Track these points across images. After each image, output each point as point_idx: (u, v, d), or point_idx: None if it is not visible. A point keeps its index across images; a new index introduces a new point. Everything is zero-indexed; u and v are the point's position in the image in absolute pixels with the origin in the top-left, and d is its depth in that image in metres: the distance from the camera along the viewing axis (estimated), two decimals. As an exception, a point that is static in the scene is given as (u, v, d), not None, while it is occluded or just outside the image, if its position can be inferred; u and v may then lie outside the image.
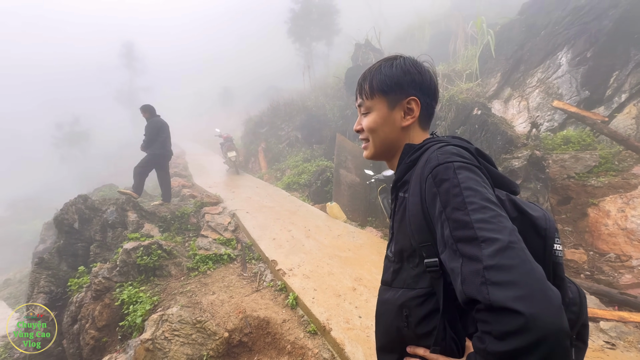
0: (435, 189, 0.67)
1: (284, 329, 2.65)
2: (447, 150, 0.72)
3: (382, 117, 0.88)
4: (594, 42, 5.18)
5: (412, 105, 0.85)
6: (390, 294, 0.83)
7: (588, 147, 4.75)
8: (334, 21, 16.84)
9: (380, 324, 0.87)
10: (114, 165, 22.97)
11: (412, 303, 0.76)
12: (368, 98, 0.90)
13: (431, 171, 0.69)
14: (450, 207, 0.63)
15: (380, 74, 0.87)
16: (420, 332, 0.75)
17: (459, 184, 0.64)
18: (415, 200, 0.74)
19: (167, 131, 5.43)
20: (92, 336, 3.19)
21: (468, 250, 0.58)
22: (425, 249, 0.73)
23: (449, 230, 0.63)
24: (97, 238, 4.52)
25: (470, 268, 0.57)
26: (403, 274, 0.80)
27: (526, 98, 6.14)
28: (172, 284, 3.46)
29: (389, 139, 0.89)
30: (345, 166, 6.02)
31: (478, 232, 0.58)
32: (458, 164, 0.67)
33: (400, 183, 0.84)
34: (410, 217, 0.75)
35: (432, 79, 0.87)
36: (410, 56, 0.88)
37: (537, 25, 6.28)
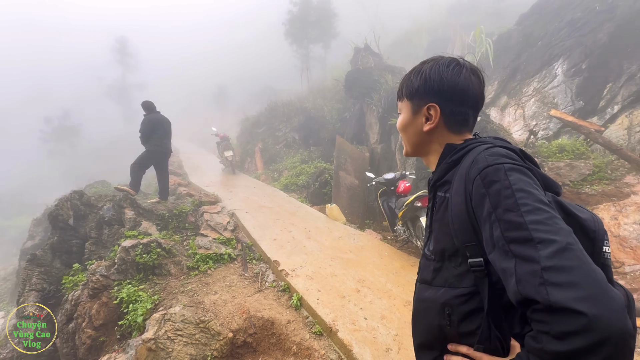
0: (484, 190, 0.68)
1: (289, 330, 2.63)
2: (496, 152, 0.72)
3: (407, 120, 0.93)
4: (589, 54, 5.34)
5: (431, 112, 0.87)
6: (430, 292, 0.84)
7: (582, 155, 4.88)
8: (331, 24, 16.93)
9: (420, 321, 0.88)
10: (104, 162, 22.54)
11: (455, 302, 0.76)
12: (400, 100, 0.96)
13: (479, 172, 0.69)
14: (502, 209, 0.64)
15: (409, 79, 0.92)
16: (463, 331, 0.75)
17: (510, 186, 0.64)
18: (459, 200, 0.75)
19: (165, 128, 5.34)
20: (89, 335, 3.11)
21: (522, 251, 0.59)
22: (469, 249, 0.73)
23: (499, 231, 0.63)
24: (92, 235, 4.42)
25: (526, 269, 0.58)
26: (444, 273, 0.81)
27: (522, 106, 6.29)
28: (172, 283, 3.41)
29: (413, 141, 0.94)
30: (344, 168, 6.05)
31: (534, 234, 0.59)
32: (509, 166, 0.68)
33: (441, 182, 0.85)
34: (453, 217, 0.76)
35: (456, 85, 0.84)
36: (448, 59, 0.87)
37: (534, 35, 6.45)
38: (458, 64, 0.86)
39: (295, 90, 15.23)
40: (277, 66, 24.58)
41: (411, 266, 3.64)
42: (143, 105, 5.38)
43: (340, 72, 11.10)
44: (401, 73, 7.69)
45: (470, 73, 0.86)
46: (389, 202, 4.72)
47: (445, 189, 0.83)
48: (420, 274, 0.91)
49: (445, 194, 0.82)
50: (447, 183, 0.82)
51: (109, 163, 21.31)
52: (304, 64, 16.60)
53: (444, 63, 0.87)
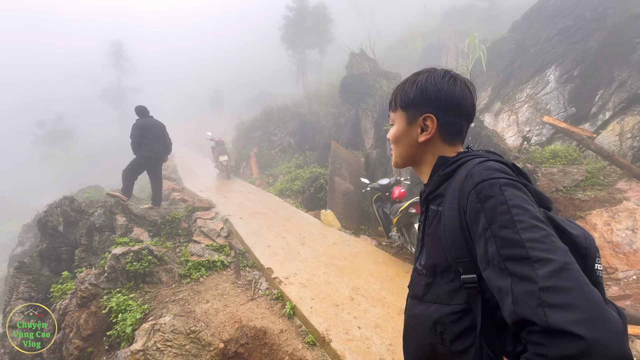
0: (479, 205, 0.66)
1: (281, 340, 2.59)
2: (490, 167, 0.71)
3: (401, 131, 0.91)
4: (580, 61, 5.41)
5: (428, 123, 0.86)
6: (421, 308, 0.82)
7: (575, 161, 4.92)
8: (327, 30, 17.04)
9: (411, 339, 0.86)
10: (98, 166, 22.31)
11: (447, 319, 0.75)
12: (393, 111, 0.94)
13: (474, 187, 0.68)
14: (497, 225, 0.62)
15: (403, 90, 0.90)
16: (455, 350, 0.74)
17: (506, 202, 0.63)
18: (453, 214, 0.73)
19: (156, 132, 5.27)
20: (77, 346, 3.03)
21: (519, 270, 0.58)
22: (462, 265, 0.72)
23: (495, 247, 0.62)
24: (82, 242, 4.33)
25: (523, 288, 0.56)
26: (436, 289, 0.79)
27: (516, 112, 6.34)
28: (163, 292, 3.34)
29: (407, 152, 0.92)
30: (339, 174, 6.04)
31: (530, 252, 0.57)
32: (504, 181, 0.66)
33: (433, 196, 0.84)
34: (446, 232, 0.74)
35: (453, 96, 0.84)
36: (442, 70, 0.87)
37: (526, 42, 6.53)
38: (452, 76, 0.86)
39: (291, 94, 15.26)
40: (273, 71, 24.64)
41: (406, 273, 3.62)
42: (135, 110, 5.34)
43: (336, 77, 11.15)
44: (396, 79, 7.73)
45: (464, 85, 0.87)
46: (384, 207, 4.71)
47: (438, 202, 0.82)
48: (412, 289, 0.89)
49: (438, 207, 0.81)
50: (440, 196, 0.81)
51: (103, 167, 21.10)
52: (300, 68, 16.64)
53: (439, 74, 0.86)
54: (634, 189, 4.22)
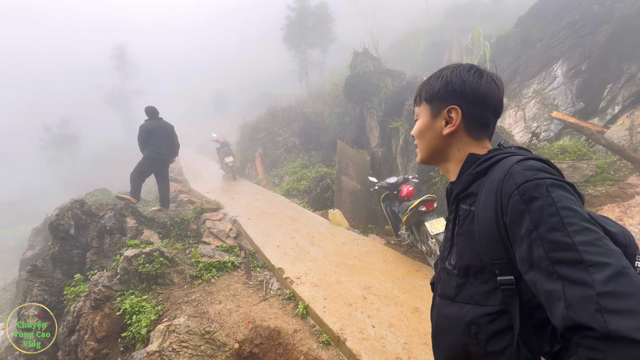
0: (523, 207, 0.64)
1: (295, 340, 2.59)
2: (532, 166, 0.69)
3: (425, 125, 0.91)
4: (588, 55, 5.36)
5: (452, 114, 0.85)
6: (453, 309, 0.81)
7: (584, 157, 4.87)
8: (329, 29, 17.04)
9: (443, 339, 0.85)
10: (104, 170, 22.48)
11: (482, 320, 0.74)
12: (417, 105, 0.95)
13: (517, 187, 0.66)
14: (545, 227, 0.61)
15: (429, 84, 0.90)
16: (491, 350, 0.73)
17: (554, 203, 0.62)
18: (488, 215, 0.72)
19: (161, 134, 5.27)
20: (92, 348, 3.06)
21: (571, 274, 0.57)
22: (498, 267, 0.71)
23: (542, 250, 0.60)
24: (94, 245, 4.37)
25: (578, 293, 0.55)
26: (469, 290, 0.78)
27: (522, 108, 6.29)
28: (175, 293, 3.37)
29: (432, 146, 0.91)
30: (346, 173, 6.03)
31: (584, 256, 0.56)
32: (550, 181, 0.65)
33: (465, 195, 0.82)
34: (481, 233, 0.73)
35: (479, 88, 0.83)
36: (468, 65, 0.87)
37: (532, 38, 6.47)
38: (478, 70, 0.86)
39: (295, 95, 15.27)
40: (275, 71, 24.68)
41: (416, 271, 3.61)
42: (145, 110, 5.37)
43: (339, 77, 11.14)
44: (401, 77, 7.70)
45: (491, 79, 0.85)
46: (392, 206, 4.70)
47: (470, 201, 0.80)
48: (441, 289, 0.88)
49: (470, 207, 0.79)
50: (472, 195, 0.79)
51: (109, 170, 21.27)
52: (303, 68, 16.65)
53: (465, 68, 0.86)
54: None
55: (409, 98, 6.33)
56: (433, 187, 5.12)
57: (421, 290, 3.16)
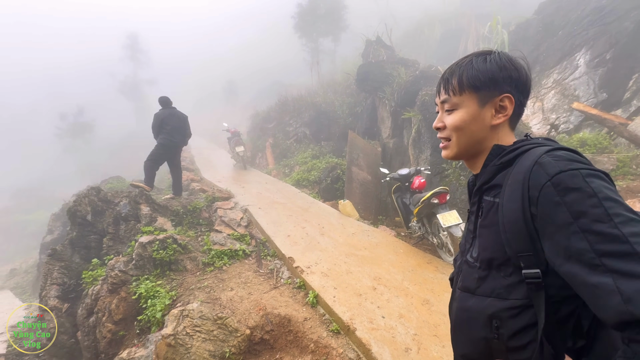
0: (558, 198, 0.62)
1: (305, 328, 2.63)
2: (563, 156, 0.66)
3: (471, 115, 0.81)
4: (614, 43, 5.11)
5: (506, 103, 0.79)
6: (473, 301, 0.80)
7: (604, 150, 4.70)
8: (341, 17, 16.67)
9: (463, 332, 0.84)
10: (118, 157, 22.96)
11: (505, 314, 0.72)
12: (456, 94, 0.83)
13: (550, 178, 0.64)
14: (588, 219, 0.58)
15: (472, 68, 0.80)
16: (513, 345, 0.72)
17: (595, 194, 0.59)
18: (514, 207, 0.69)
19: (173, 122, 5.34)
20: (109, 329, 3.18)
21: (624, 267, 0.54)
22: (523, 259, 0.69)
23: (585, 243, 0.58)
24: (110, 231, 4.49)
25: (637, 287, 0.53)
26: (491, 283, 0.76)
27: (541, 99, 6.08)
28: (188, 279, 3.45)
29: (475, 139, 0.83)
30: (357, 164, 5.99)
31: (637, 247, 0.54)
32: (585, 172, 0.62)
33: (489, 186, 0.80)
34: (506, 225, 0.71)
35: (527, 77, 0.81)
36: (504, 51, 0.83)
37: (554, 25, 6.20)
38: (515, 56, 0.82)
39: (305, 84, 15.13)
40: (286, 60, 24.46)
41: (427, 264, 3.59)
42: (158, 100, 5.47)
43: (351, 66, 10.95)
44: (414, 66, 7.52)
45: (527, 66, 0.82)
46: (403, 198, 4.65)
47: (494, 193, 0.78)
48: (462, 281, 0.86)
49: (495, 198, 0.76)
50: (497, 187, 0.77)
51: (123, 158, 21.72)
52: (314, 57, 16.44)
53: (505, 53, 0.81)
54: (670, 179, 4.01)
55: (422, 88, 6.19)
56: (445, 180, 5.05)
57: (432, 282, 3.15)
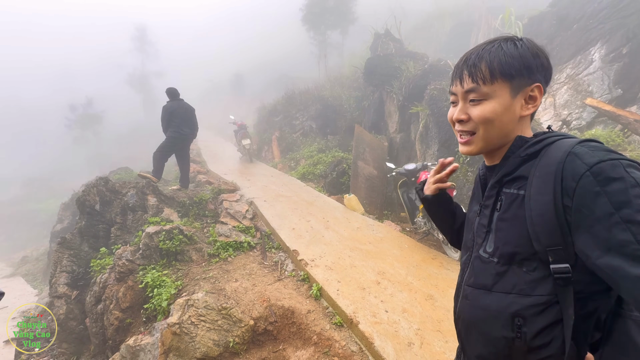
0: (598, 188, 0.60)
1: (309, 320, 2.65)
2: (598, 147, 0.65)
3: (504, 106, 0.75)
4: (631, 37, 4.95)
5: (536, 93, 0.75)
6: (491, 299, 0.76)
7: (617, 147, 4.59)
8: (350, 9, 16.44)
9: (479, 332, 0.80)
10: (126, 149, 23.22)
11: (529, 312, 0.70)
12: (486, 82, 0.75)
13: (590, 168, 0.62)
14: (632, 210, 0.57)
15: (505, 54, 0.74)
16: (535, 345, 0.69)
17: (638, 184, 0.58)
18: (545, 199, 0.67)
19: (181, 115, 5.37)
20: (116, 317, 3.24)
21: None
22: (552, 253, 0.67)
23: (629, 234, 0.57)
24: (117, 220, 4.56)
25: None
26: (511, 278, 0.73)
27: (553, 94, 5.94)
28: (193, 269, 3.49)
29: (504, 131, 0.78)
30: (363, 158, 5.96)
31: None
32: (626, 162, 0.61)
33: (510, 178, 0.77)
34: (535, 218, 0.68)
35: (551, 66, 0.78)
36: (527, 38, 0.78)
37: (569, 18, 6.03)
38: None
39: (312, 78, 15.04)
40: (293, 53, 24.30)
41: (432, 259, 3.57)
42: (166, 92, 5.47)
43: (358, 59, 10.83)
44: (423, 59, 7.41)
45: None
46: (409, 193, 4.62)
47: (517, 185, 0.75)
48: (475, 278, 0.82)
49: (519, 190, 0.74)
50: (521, 179, 0.74)
51: (131, 150, 21.95)
52: (322, 51, 16.29)
53: (531, 40, 0.77)
54: (685, 178, 3.91)
55: (431, 82, 6.09)
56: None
57: (436, 278, 3.14)
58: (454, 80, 0.82)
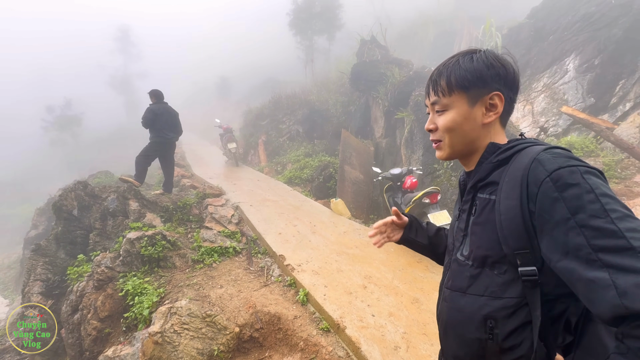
0: (557, 194, 0.63)
1: (295, 326, 2.62)
2: (561, 153, 0.67)
3: (462, 115, 0.80)
4: (602, 49, 5.22)
5: (496, 101, 0.79)
6: (466, 301, 0.79)
7: (591, 153, 4.81)
8: (336, 15, 16.62)
9: (456, 334, 0.82)
10: (107, 152, 22.51)
11: (500, 314, 0.72)
12: (445, 95, 0.82)
13: (549, 174, 0.64)
14: (586, 214, 0.59)
15: (460, 68, 0.80)
16: (507, 346, 0.71)
17: (592, 190, 0.60)
18: (512, 204, 0.69)
19: (168, 118, 5.27)
20: (94, 327, 3.11)
21: (620, 261, 0.55)
22: (520, 257, 0.69)
23: (582, 238, 0.59)
24: (96, 226, 4.40)
25: (632, 281, 0.54)
26: (484, 281, 0.76)
27: (531, 102, 6.18)
28: (177, 276, 3.40)
29: (468, 138, 0.82)
30: (349, 162, 5.99)
31: (633, 242, 0.55)
32: (584, 169, 0.63)
33: (484, 184, 0.80)
34: (504, 222, 0.71)
35: (515, 73, 0.81)
36: (489, 49, 0.83)
37: (545, 30, 6.31)
38: (502, 55, 0.82)
39: (299, 82, 15.08)
40: (280, 58, 24.31)
41: (417, 263, 3.62)
42: (150, 93, 5.31)
43: (345, 65, 10.94)
44: (408, 66, 7.56)
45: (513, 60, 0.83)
46: (395, 197, 4.68)
47: (489, 190, 0.77)
48: (452, 281, 0.85)
49: (491, 195, 0.76)
50: (493, 184, 0.77)
51: (112, 153, 21.30)
52: (308, 55, 16.37)
53: (491, 51, 0.81)
54: (653, 183, 4.13)
55: (415, 88, 6.23)
56: (437, 180, 5.09)
57: (421, 281, 3.18)
58: (425, 94, 0.90)
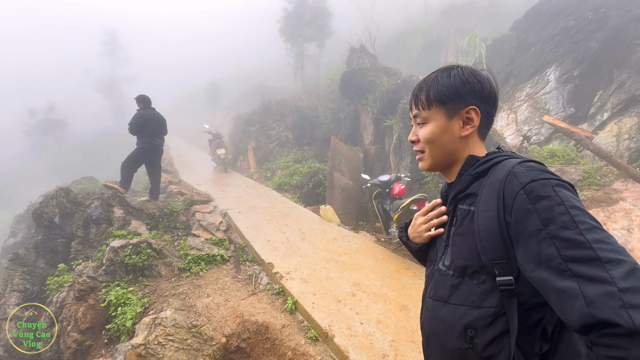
0: (530, 206, 0.65)
1: (283, 335, 2.59)
2: (534, 167, 0.70)
3: (440, 128, 0.85)
4: (581, 61, 5.44)
5: (472, 115, 0.83)
6: (447, 310, 0.80)
7: (572, 161, 4.98)
8: (326, 23, 16.86)
9: (438, 343, 0.84)
10: (91, 157, 21.98)
11: (480, 323, 0.73)
12: (425, 109, 0.86)
13: (523, 187, 0.67)
14: (556, 226, 0.61)
15: (438, 84, 0.84)
16: (486, 355, 0.73)
17: (562, 202, 0.62)
18: (490, 215, 0.72)
19: (155, 125, 5.19)
20: (75, 339, 3.00)
21: (587, 271, 0.57)
22: (498, 267, 0.71)
23: (553, 249, 0.61)
24: (79, 234, 4.27)
25: (598, 290, 0.55)
26: (464, 290, 0.78)
27: (515, 111, 6.36)
28: (162, 285, 3.32)
29: (447, 150, 0.86)
30: (339, 169, 6.02)
31: (599, 253, 0.57)
32: (555, 182, 0.66)
33: (463, 195, 0.82)
34: (482, 232, 0.73)
35: (492, 87, 0.85)
36: (467, 65, 0.87)
37: (527, 41, 6.53)
38: (480, 70, 0.86)
39: (289, 89, 15.13)
40: (270, 64, 24.39)
41: (406, 269, 3.64)
42: (138, 98, 5.22)
43: (335, 72, 11.07)
44: (397, 75, 7.69)
45: (490, 76, 0.87)
46: (384, 204, 4.72)
47: (469, 201, 0.80)
48: (434, 290, 0.86)
49: (470, 206, 0.79)
50: (472, 195, 0.79)
51: (97, 158, 20.82)
52: (298, 62, 16.50)
53: (469, 67, 0.85)
54: (630, 189, 4.28)
55: (404, 96, 6.33)
56: (425, 187, 5.16)
57: (410, 288, 3.19)
58: (409, 107, 0.94)
